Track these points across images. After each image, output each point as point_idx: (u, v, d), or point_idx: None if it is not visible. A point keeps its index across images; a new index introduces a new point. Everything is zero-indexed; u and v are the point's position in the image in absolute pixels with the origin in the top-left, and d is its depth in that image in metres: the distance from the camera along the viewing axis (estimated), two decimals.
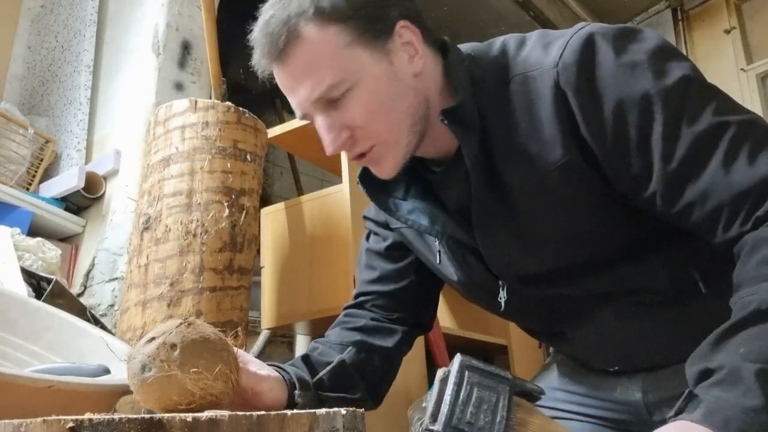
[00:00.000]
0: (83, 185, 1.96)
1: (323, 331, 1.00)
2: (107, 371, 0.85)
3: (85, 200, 2.02)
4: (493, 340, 2.10)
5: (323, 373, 0.87)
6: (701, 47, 3.80)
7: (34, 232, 1.83)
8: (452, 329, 2.02)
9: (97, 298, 1.84)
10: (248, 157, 1.52)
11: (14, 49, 2.50)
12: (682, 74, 0.71)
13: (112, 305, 1.79)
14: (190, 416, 0.48)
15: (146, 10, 2.16)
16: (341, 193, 1.66)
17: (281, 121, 2.87)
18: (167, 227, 1.39)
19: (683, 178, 0.69)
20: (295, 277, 1.71)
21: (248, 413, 0.50)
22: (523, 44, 0.80)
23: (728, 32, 3.72)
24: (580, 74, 0.72)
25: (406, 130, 0.79)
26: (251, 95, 2.99)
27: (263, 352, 2.00)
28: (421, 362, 1.70)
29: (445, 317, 2.19)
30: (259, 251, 1.65)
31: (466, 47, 0.84)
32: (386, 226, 0.99)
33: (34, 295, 1.27)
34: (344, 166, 1.68)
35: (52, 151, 2.14)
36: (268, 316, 1.74)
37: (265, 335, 1.99)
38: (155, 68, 2.02)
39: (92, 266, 1.92)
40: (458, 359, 0.68)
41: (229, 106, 1.53)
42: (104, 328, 1.28)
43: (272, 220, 1.81)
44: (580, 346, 0.93)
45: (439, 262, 0.91)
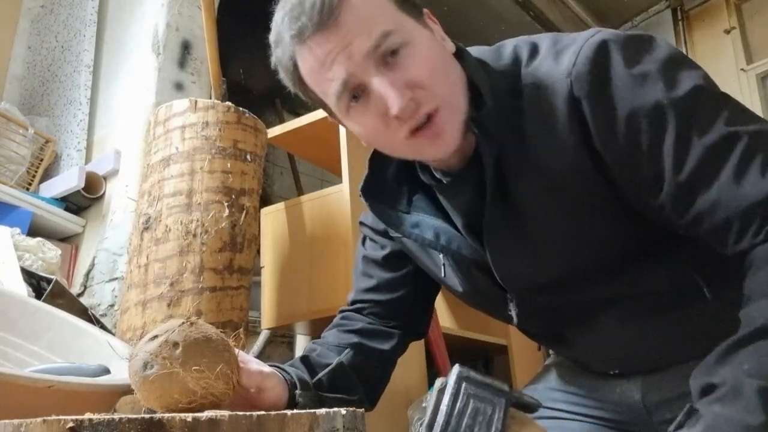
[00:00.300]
0: (83, 185, 1.96)
1: (323, 331, 1.00)
2: (107, 371, 0.85)
3: (85, 200, 2.02)
4: (493, 340, 2.10)
5: (322, 374, 0.87)
6: (701, 47, 3.80)
7: (34, 232, 1.83)
8: (452, 329, 2.02)
9: (97, 298, 1.84)
10: (248, 157, 1.52)
11: (14, 49, 2.50)
12: (693, 84, 0.70)
13: (112, 305, 1.79)
14: (190, 416, 0.48)
15: (146, 10, 2.16)
16: (341, 193, 1.66)
17: (281, 121, 2.87)
18: (167, 227, 1.39)
19: (694, 188, 0.69)
20: (295, 277, 1.70)
21: (248, 413, 0.50)
22: (535, 52, 0.78)
23: (728, 32, 3.72)
24: (593, 84, 0.72)
25: (463, 96, 0.76)
26: (251, 95, 2.99)
27: (263, 352, 2.00)
28: (421, 362, 1.69)
29: (445, 317, 2.18)
30: (259, 251, 1.65)
31: (473, 51, 0.82)
32: (385, 234, 0.98)
33: (34, 295, 1.27)
34: (344, 166, 1.67)
35: (52, 151, 2.14)
36: (268, 316, 1.74)
37: (265, 335, 1.99)
38: (155, 68, 2.02)
39: (92, 266, 1.92)
40: (456, 370, 0.68)
41: (229, 106, 1.53)
42: (104, 328, 1.28)
43: (272, 220, 1.80)
44: (581, 349, 0.94)
45: (443, 275, 0.91)
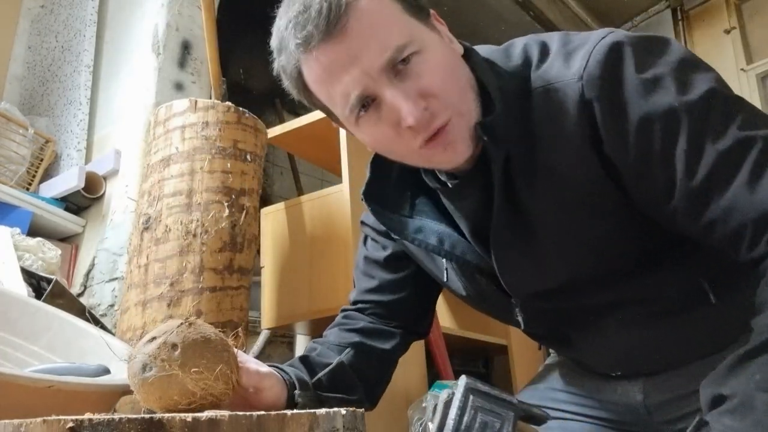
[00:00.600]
0: (83, 185, 1.96)
1: (323, 331, 1.00)
2: (107, 371, 0.85)
3: (85, 200, 2.02)
4: (493, 340, 2.10)
5: (322, 374, 0.87)
6: (701, 47, 3.79)
7: (34, 232, 1.83)
8: (452, 329, 2.02)
9: (97, 298, 1.84)
10: (248, 157, 1.52)
11: (14, 49, 2.50)
12: (707, 88, 0.69)
13: (112, 305, 1.79)
14: (190, 416, 0.48)
15: (146, 10, 2.16)
16: (341, 193, 1.66)
17: (281, 121, 2.87)
18: (167, 227, 1.39)
19: (707, 194, 0.67)
20: (295, 277, 1.70)
21: (248, 413, 0.50)
22: (545, 53, 0.76)
23: (728, 32, 3.72)
24: (604, 87, 0.70)
25: (473, 102, 0.75)
26: (251, 95, 2.99)
27: (263, 352, 2.00)
28: (421, 363, 1.69)
29: (445, 317, 2.18)
30: (259, 251, 1.65)
31: (481, 51, 0.81)
32: (387, 235, 0.97)
33: (34, 295, 1.27)
34: (344, 166, 1.67)
35: (52, 151, 2.14)
36: (268, 316, 1.74)
37: (265, 335, 1.99)
38: (155, 68, 2.02)
39: (92, 266, 1.92)
40: (463, 382, 0.67)
41: (229, 106, 1.53)
42: (104, 328, 1.28)
43: (272, 220, 1.80)
44: (584, 350, 0.93)
45: (446, 279, 0.90)
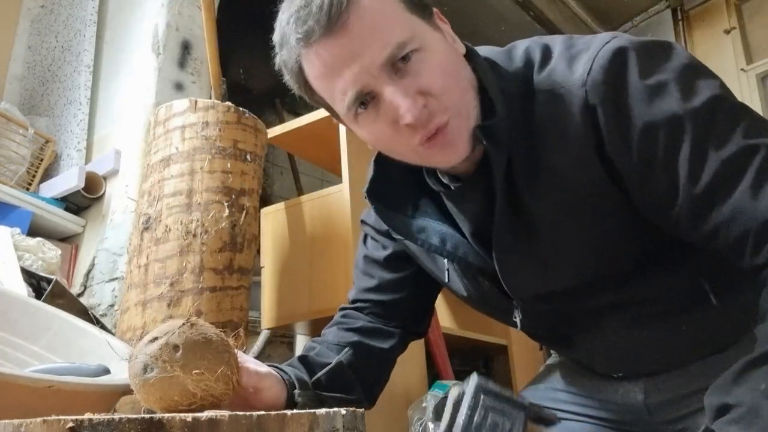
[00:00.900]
0: (83, 185, 1.96)
1: (323, 331, 1.00)
2: (107, 371, 0.85)
3: (85, 200, 2.02)
4: (493, 340, 2.10)
5: (321, 373, 0.87)
6: (701, 47, 3.79)
7: (34, 232, 1.83)
8: (452, 329, 2.02)
9: (97, 298, 1.84)
10: (248, 157, 1.52)
11: (14, 49, 2.50)
12: (711, 94, 0.69)
13: (112, 305, 1.79)
14: (190, 416, 0.48)
15: (146, 10, 2.16)
16: (341, 193, 1.66)
17: (281, 121, 2.87)
18: (167, 227, 1.39)
19: (710, 201, 0.67)
20: (295, 277, 1.70)
21: (248, 413, 0.50)
22: (548, 57, 0.76)
23: (728, 32, 3.72)
24: (608, 93, 0.70)
25: (474, 103, 0.75)
26: (251, 95, 2.99)
27: (263, 352, 2.00)
28: (421, 363, 1.69)
29: (445, 317, 2.18)
30: (259, 251, 1.65)
31: (483, 52, 0.80)
32: (387, 234, 0.97)
33: (34, 295, 1.27)
34: (344, 166, 1.67)
35: (52, 151, 2.14)
36: (268, 316, 1.74)
37: (265, 335, 1.99)
38: (155, 68, 2.02)
39: (92, 266, 1.92)
40: (474, 380, 0.66)
41: (229, 106, 1.53)
42: (104, 328, 1.28)
43: (272, 220, 1.80)
44: (585, 351, 0.93)
45: (447, 280, 0.90)
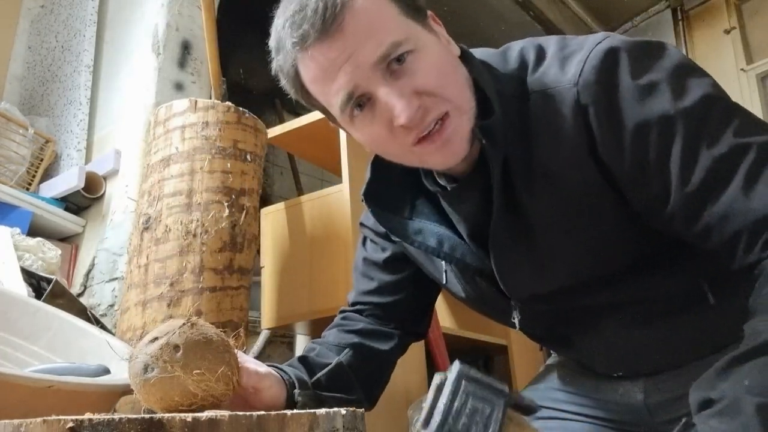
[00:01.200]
0: (83, 185, 1.96)
1: (323, 331, 1.00)
2: (107, 371, 0.85)
3: (85, 200, 2.02)
4: (493, 340, 2.10)
5: (321, 374, 0.87)
6: (701, 47, 3.79)
7: (34, 232, 1.83)
8: (452, 329, 2.02)
9: (97, 298, 1.84)
10: (248, 157, 1.52)
11: (14, 49, 2.50)
12: (702, 93, 0.69)
13: (112, 305, 1.79)
14: (190, 416, 0.48)
15: (146, 10, 2.16)
16: (341, 193, 1.66)
17: (281, 121, 2.87)
18: (167, 227, 1.39)
19: (702, 201, 0.68)
20: (295, 277, 1.70)
21: (248, 413, 0.50)
22: (541, 57, 0.77)
23: (728, 32, 3.71)
24: (599, 93, 0.70)
25: (471, 101, 0.75)
26: (251, 95, 2.99)
27: (263, 352, 2.00)
28: (421, 362, 1.69)
29: (445, 317, 2.18)
30: (259, 251, 1.65)
31: (478, 53, 0.81)
32: (386, 236, 0.97)
33: (34, 295, 1.27)
34: (344, 166, 1.67)
35: (52, 151, 2.14)
36: (268, 316, 1.74)
37: (265, 335, 1.99)
38: (155, 68, 2.02)
39: (92, 266, 1.92)
40: (456, 367, 0.67)
41: (229, 106, 1.53)
42: (104, 328, 1.28)
43: (272, 220, 1.80)
44: (584, 351, 0.93)
45: (445, 281, 0.91)
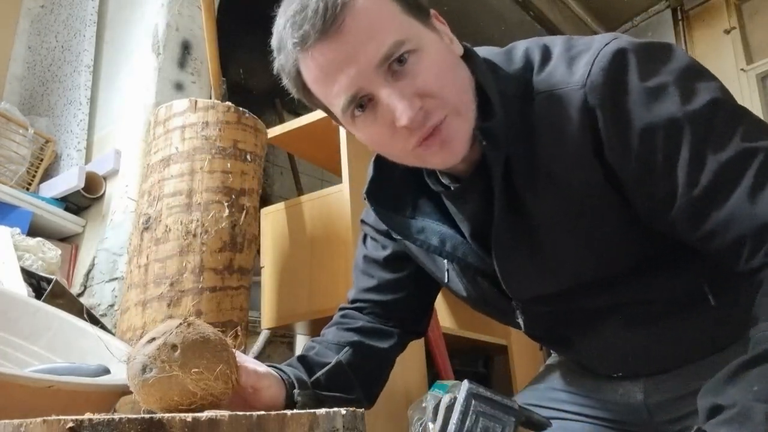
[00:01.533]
0: (83, 185, 1.96)
1: (322, 331, 1.00)
2: (107, 371, 0.85)
3: (85, 200, 2.02)
4: (493, 340, 2.10)
5: (320, 373, 0.87)
6: (701, 47, 3.79)
7: (34, 232, 1.83)
8: (452, 329, 2.02)
9: (97, 298, 1.84)
10: (248, 157, 1.52)
11: (14, 49, 2.50)
12: (710, 97, 0.69)
13: (112, 305, 1.79)
14: (190, 416, 0.48)
15: (146, 10, 2.16)
16: (341, 193, 1.66)
17: (281, 121, 2.87)
18: (167, 227, 1.39)
19: (707, 205, 0.67)
20: (295, 277, 1.70)
21: (248, 413, 0.50)
22: (547, 58, 0.76)
23: (728, 32, 3.72)
24: (607, 96, 0.70)
25: (472, 103, 0.75)
26: (251, 95, 2.99)
27: (263, 352, 2.00)
28: (421, 362, 1.69)
29: (445, 317, 2.18)
30: (259, 251, 1.65)
31: (482, 52, 0.80)
32: (387, 234, 0.97)
33: (34, 295, 1.27)
34: (344, 166, 1.67)
35: (52, 151, 2.14)
36: (268, 316, 1.74)
37: (265, 335, 1.99)
38: (155, 68, 2.02)
39: (92, 266, 1.92)
40: (466, 387, 0.67)
41: (229, 106, 1.53)
42: (104, 328, 1.28)
43: (272, 220, 1.80)
44: (585, 352, 0.93)
45: (447, 280, 0.90)
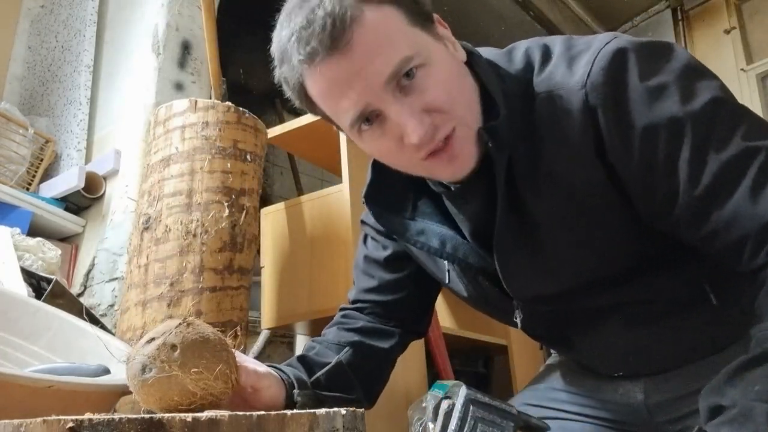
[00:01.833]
0: (83, 185, 1.96)
1: (323, 331, 1.00)
2: (107, 371, 0.85)
3: (85, 200, 2.02)
4: (493, 340, 2.10)
5: (320, 373, 0.87)
6: (701, 47, 3.79)
7: (34, 232, 1.83)
8: (452, 329, 2.02)
9: (97, 298, 1.84)
10: (248, 157, 1.52)
11: (14, 49, 2.50)
12: (711, 96, 0.68)
13: (112, 305, 1.79)
14: (190, 416, 0.48)
15: (146, 10, 2.16)
16: (341, 193, 1.66)
17: (281, 121, 2.87)
18: (167, 227, 1.39)
19: (709, 205, 0.67)
20: (295, 277, 1.70)
21: (248, 413, 0.50)
22: (547, 58, 0.76)
23: (728, 32, 3.72)
24: (608, 96, 0.70)
25: (478, 110, 0.75)
26: (251, 95, 2.99)
27: (263, 352, 2.00)
28: (421, 362, 1.69)
29: (445, 317, 2.18)
30: (259, 251, 1.65)
31: (483, 53, 0.80)
32: (387, 234, 0.97)
33: (34, 295, 1.27)
34: (344, 166, 1.67)
35: (52, 151, 2.14)
36: (268, 316, 1.74)
37: (265, 335, 1.99)
38: (155, 68, 2.02)
39: (92, 266, 1.92)
40: (464, 392, 0.67)
41: (229, 106, 1.53)
42: (104, 328, 1.28)
43: (272, 220, 1.80)
44: (585, 352, 0.93)
45: (448, 281, 0.90)
